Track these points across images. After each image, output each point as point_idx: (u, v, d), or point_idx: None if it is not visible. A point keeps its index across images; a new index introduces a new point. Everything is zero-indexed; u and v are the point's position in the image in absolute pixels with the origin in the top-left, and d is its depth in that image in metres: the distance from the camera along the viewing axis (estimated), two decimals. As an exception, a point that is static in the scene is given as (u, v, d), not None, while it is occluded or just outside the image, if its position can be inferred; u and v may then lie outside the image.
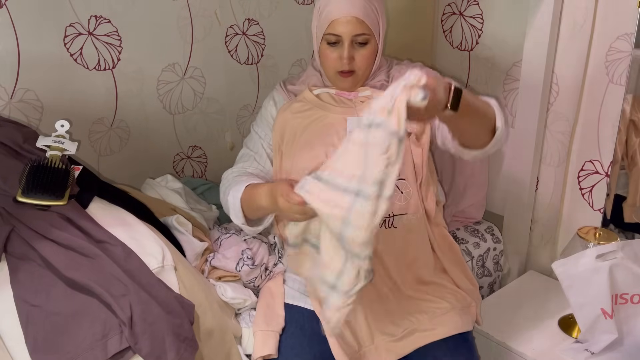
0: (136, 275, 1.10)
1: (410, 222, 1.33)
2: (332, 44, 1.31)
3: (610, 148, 1.55)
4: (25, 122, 1.49)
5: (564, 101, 1.61)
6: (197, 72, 1.81)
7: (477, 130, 1.17)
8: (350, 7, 1.28)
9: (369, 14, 1.29)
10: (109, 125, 1.67)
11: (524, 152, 1.69)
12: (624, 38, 1.47)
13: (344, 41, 1.30)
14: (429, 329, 1.28)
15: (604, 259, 1.29)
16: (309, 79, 1.44)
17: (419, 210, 1.34)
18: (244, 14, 1.85)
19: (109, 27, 1.58)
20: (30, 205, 1.17)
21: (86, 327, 1.02)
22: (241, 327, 1.31)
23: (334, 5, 1.29)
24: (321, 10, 1.32)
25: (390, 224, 1.31)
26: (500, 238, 1.80)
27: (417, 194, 1.34)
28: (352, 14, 1.27)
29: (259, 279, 1.39)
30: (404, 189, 1.32)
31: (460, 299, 1.35)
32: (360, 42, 1.31)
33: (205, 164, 1.95)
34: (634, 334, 1.33)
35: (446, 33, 1.94)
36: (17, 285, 1.08)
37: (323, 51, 1.34)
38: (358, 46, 1.31)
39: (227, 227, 1.55)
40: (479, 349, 1.38)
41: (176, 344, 1.05)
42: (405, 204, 1.32)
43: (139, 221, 1.25)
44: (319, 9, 1.33)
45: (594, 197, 1.64)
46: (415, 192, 1.33)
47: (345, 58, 1.30)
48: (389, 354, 1.27)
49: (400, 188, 1.32)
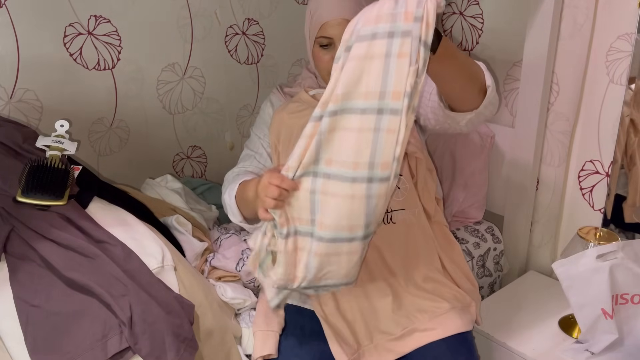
0: (136, 276, 1.10)
1: (408, 217, 1.34)
2: (324, 46, 1.32)
3: (611, 148, 1.55)
4: (25, 122, 1.49)
5: (564, 101, 1.61)
6: (197, 72, 1.81)
7: (463, 84, 1.13)
8: (340, 10, 1.28)
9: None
10: (108, 125, 1.67)
11: (524, 152, 1.69)
12: (624, 38, 1.47)
13: (335, 43, 1.30)
14: (428, 328, 1.28)
15: (604, 259, 1.29)
16: (305, 81, 1.47)
17: (417, 205, 1.35)
18: (243, 13, 1.85)
19: (108, 27, 1.58)
20: (30, 205, 1.17)
21: (86, 327, 1.02)
22: (241, 327, 1.31)
23: (324, 8, 1.30)
24: (312, 14, 1.33)
25: (389, 219, 1.31)
26: (500, 238, 1.80)
27: (414, 190, 1.34)
28: (342, 16, 1.28)
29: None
30: (401, 185, 1.33)
31: (460, 298, 1.35)
32: None
33: (205, 164, 1.94)
34: (634, 334, 1.33)
35: (446, 33, 1.94)
36: (17, 286, 1.08)
37: (316, 54, 1.35)
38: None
39: (227, 227, 1.55)
40: (479, 349, 1.38)
41: (176, 344, 1.05)
42: (402, 200, 1.33)
43: (138, 221, 1.25)
44: (310, 12, 1.34)
45: (594, 197, 1.64)
46: (412, 187, 1.34)
47: None
48: (388, 353, 1.27)
49: (398, 183, 1.32)
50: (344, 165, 0.94)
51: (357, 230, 0.98)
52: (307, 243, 1.01)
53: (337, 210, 0.96)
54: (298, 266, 1.03)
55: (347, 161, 0.93)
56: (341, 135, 0.93)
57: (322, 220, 0.98)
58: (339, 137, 0.93)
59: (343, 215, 0.97)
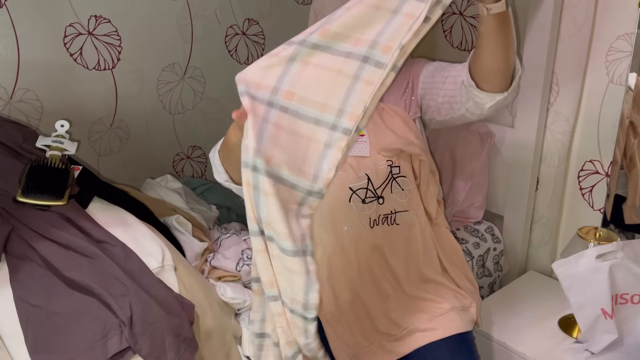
0: (136, 276, 1.10)
1: (411, 219, 1.34)
2: None
3: (611, 148, 1.55)
4: (25, 122, 1.49)
5: (564, 101, 1.61)
6: (197, 72, 1.81)
7: (506, 56, 1.17)
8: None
9: None
10: (108, 125, 1.67)
11: (524, 152, 1.69)
12: (624, 38, 1.47)
13: None
14: (429, 328, 1.28)
15: (604, 259, 1.29)
16: None
17: (420, 207, 1.35)
18: (243, 14, 1.85)
19: (108, 27, 1.58)
20: (30, 205, 1.17)
21: (86, 327, 1.02)
22: (241, 327, 1.31)
23: (328, 9, 1.29)
24: (317, 13, 1.33)
25: (392, 220, 1.32)
26: (500, 238, 1.80)
27: (417, 191, 1.34)
28: None
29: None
30: (404, 186, 1.33)
31: (460, 299, 1.36)
32: None
33: (205, 164, 1.95)
34: (634, 334, 1.33)
35: (446, 33, 1.94)
36: (17, 285, 1.08)
37: None
38: None
39: (227, 227, 1.55)
40: (479, 349, 1.38)
41: (176, 344, 1.05)
42: (406, 201, 1.33)
43: (138, 221, 1.25)
44: (314, 11, 1.34)
45: (594, 197, 1.64)
46: (415, 189, 1.34)
47: None
48: (388, 354, 1.27)
49: (401, 185, 1.33)
50: (309, 104, 0.88)
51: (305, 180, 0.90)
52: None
53: (294, 145, 0.89)
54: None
55: (313, 100, 0.88)
56: (315, 72, 0.88)
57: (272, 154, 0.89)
58: (312, 73, 0.88)
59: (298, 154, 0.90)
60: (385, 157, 1.33)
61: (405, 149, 1.33)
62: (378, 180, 1.32)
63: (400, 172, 1.33)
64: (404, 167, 1.34)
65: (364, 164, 1.33)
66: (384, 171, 1.32)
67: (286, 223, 0.87)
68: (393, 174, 1.33)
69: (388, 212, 1.31)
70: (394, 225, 1.32)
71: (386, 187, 1.32)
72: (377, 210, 1.30)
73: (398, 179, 1.33)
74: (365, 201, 1.30)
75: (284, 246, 0.87)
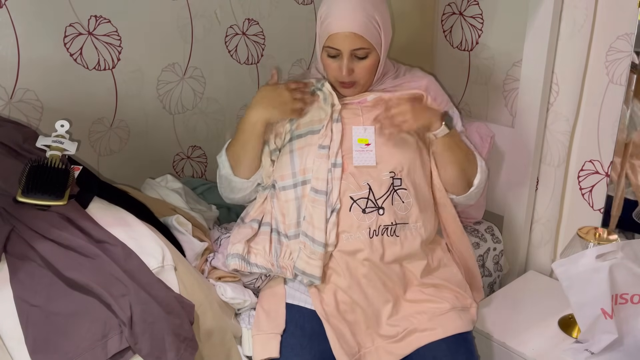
0: (136, 275, 1.10)
1: (411, 231, 1.34)
2: (332, 56, 1.32)
3: (610, 148, 1.55)
4: (25, 122, 1.49)
5: (564, 101, 1.61)
6: (197, 72, 1.81)
7: (456, 169, 1.38)
8: (348, 23, 1.27)
9: (369, 28, 1.29)
10: (108, 125, 1.67)
11: (524, 152, 1.69)
12: (624, 38, 1.47)
13: (342, 55, 1.30)
14: (428, 329, 1.28)
15: (604, 259, 1.29)
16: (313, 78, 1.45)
17: (419, 220, 1.35)
18: (243, 13, 1.85)
19: (108, 27, 1.58)
20: (30, 205, 1.17)
21: (86, 327, 1.02)
22: (241, 327, 1.31)
23: (333, 18, 1.29)
24: (322, 19, 1.32)
25: (392, 232, 1.31)
26: (500, 238, 1.80)
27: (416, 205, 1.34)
28: (350, 29, 1.27)
29: (259, 280, 1.39)
30: (405, 199, 1.33)
31: (460, 299, 1.36)
32: (359, 56, 1.31)
33: (205, 164, 1.94)
34: (634, 334, 1.33)
35: (446, 33, 1.94)
36: (17, 285, 1.08)
37: (324, 60, 1.35)
38: (358, 59, 1.32)
39: (227, 227, 1.55)
40: (479, 349, 1.38)
41: (176, 344, 1.05)
42: (406, 214, 1.33)
43: (138, 221, 1.25)
44: (320, 17, 1.33)
45: (594, 197, 1.65)
46: (414, 202, 1.34)
47: (345, 71, 1.31)
48: (389, 355, 1.27)
49: (402, 197, 1.32)
50: None
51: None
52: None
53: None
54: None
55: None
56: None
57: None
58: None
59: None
60: (389, 169, 1.33)
61: (412, 164, 1.36)
62: (380, 190, 1.31)
63: (401, 184, 1.33)
64: (405, 180, 1.34)
65: (367, 173, 1.32)
66: (387, 182, 1.32)
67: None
68: (395, 185, 1.32)
69: (389, 224, 1.31)
70: (394, 236, 1.32)
71: (387, 198, 1.31)
72: (377, 220, 1.30)
73: (399, 191, 1.33)
74: (366, 211, 1.30)
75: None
